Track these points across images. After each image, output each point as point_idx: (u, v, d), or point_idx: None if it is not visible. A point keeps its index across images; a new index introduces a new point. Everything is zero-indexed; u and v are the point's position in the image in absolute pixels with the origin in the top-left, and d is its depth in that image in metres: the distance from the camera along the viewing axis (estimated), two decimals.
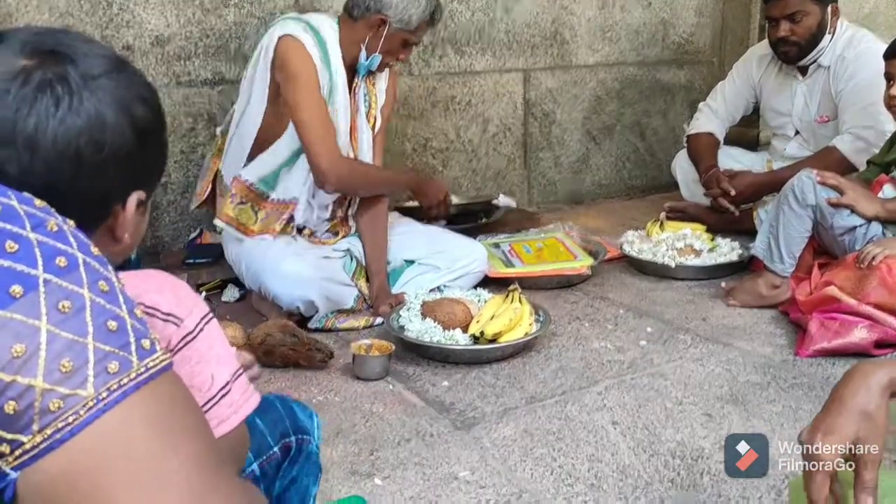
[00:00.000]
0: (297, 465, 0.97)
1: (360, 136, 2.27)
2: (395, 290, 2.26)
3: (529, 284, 2.39)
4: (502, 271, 2.40)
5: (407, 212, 2.75)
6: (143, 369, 0.61)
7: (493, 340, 1.89)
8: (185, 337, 0.76)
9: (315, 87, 2.09)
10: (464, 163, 3.28)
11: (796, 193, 2.07)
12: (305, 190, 2.19)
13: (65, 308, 0.58)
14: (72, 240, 0.62)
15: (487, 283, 2.36)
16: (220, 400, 0.77)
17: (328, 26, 2.16)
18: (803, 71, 2.83)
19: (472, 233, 2.73)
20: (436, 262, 2.33)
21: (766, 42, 2.92)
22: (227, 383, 0.77)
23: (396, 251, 2.36)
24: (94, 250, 0.63)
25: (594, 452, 1.47)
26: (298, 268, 2.06)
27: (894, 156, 2.12)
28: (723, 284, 2.35)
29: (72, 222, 0.64)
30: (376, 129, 2.31)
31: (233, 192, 2.18)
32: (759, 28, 3.70)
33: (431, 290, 2.22)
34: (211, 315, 0.79)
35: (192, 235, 2.63)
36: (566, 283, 2.44)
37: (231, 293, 2.40)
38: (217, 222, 2.23)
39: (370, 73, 2.25)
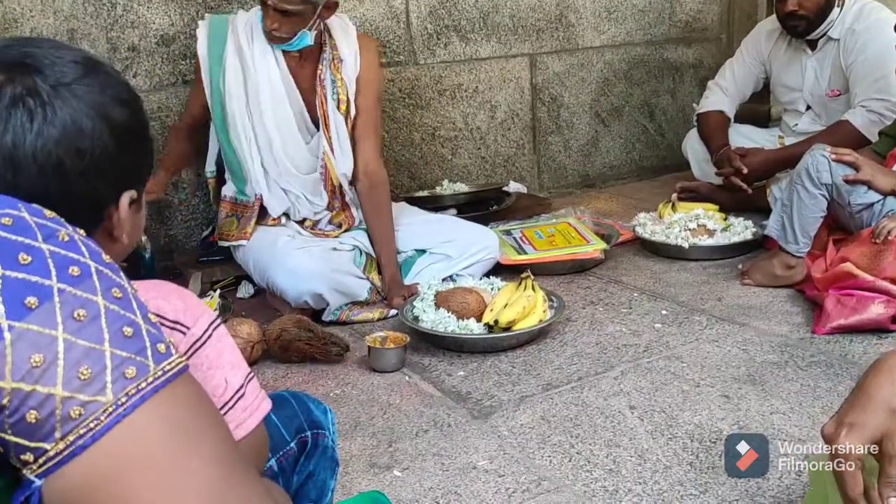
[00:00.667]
0: (314, 459, 0.98)
1: (332, 125, 2.28)
2: (407, 280, 2.27)
3: (542, 270, 2.39)
4: (515, 258, 2.40)
5: (415, 202, 2.76)
6: (160, 373, 0.61)
7: (507, 328, 1.89)
8: (193, 344, 0.76)
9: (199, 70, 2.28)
10: (472, 150, 3.27)
11: (811, 172, 2.04)
12: (261, 179, 2.26)
13: (80, 316, 0.58)
14: (83, 249, 0.62)
15: (500, 270, 2.36)
16: (235, 404, 0.77)
17: (250, 16, 2.24)
18: (812, 45, 2.80)
19: (483, 220, 2.73)
20: (447, 251, 2.32)
21: (773, 17, 2.89)
22: (240, 387, 0.78)
23: (407, 241, 2.36)
24: (106, 258, 0.64)
25: (612, 437, 1.47)
26: (304, 261, 2.07)
27: None
28: (739, 266, 2.33)
29: (82, 231, 0.64)
30: (351, 116, 2.29)
31: (222, 210, 2.35)
32: (766, 3, 3.66)
33: (444, 280, 2.22)
34: (219, 322, 0.80)
35: (205, 233, 2.64)
36: (579, 267, 2.43)
37: (245, 289, 2.41)
38: (220, 243, 2.36)
39: (335, 59, 2.27)
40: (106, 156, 0.72)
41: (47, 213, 0.63)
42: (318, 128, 2.28)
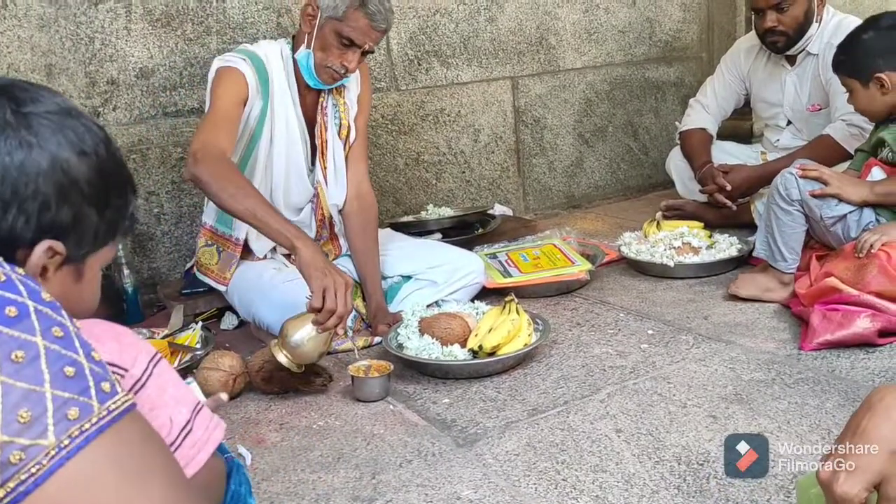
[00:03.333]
0: (233, 479, 0.94)
1: (329, 153, 2.25)
2: (393, 307, 2.25)
3: (528, 293, 2.38)
4: (500, 282, 2.38)
5: (400, 227, 2.75)
6: (104, 413, 0.59)
7: (492, 353, 1.86)
8: (133, 386, 0.74)
9: (230, 97, 2.01)
10: (457, 174, 3.27)
11: (781, 191, 2.07)
12: None
13: (18, 358, 0.56)
14: (21, 288, 0.60)
15: (486, 294, 2.35)
16: (182, 441, 0.75)
17: (276, 51, 2.15)
18: (792, 60, 2.81)
19: (468, 244, 2.72)
20: (433, 277, 2.30)
21: (752, 34, 2.91)
22: (187, 422, 0.76)
23: (392, 267, 2.34)
24: (46, 296, 0.62)
25: (598, 462, 1.45)
26: (291, 295, 2.04)
27: (877, 137, 2.10)
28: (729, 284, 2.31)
29: (20, 269, 0.62)
30: (351, 140, 2.28)
31: (201, 237, 2.28)
32: (745, 20, 3.70)
33: (429, 305, 2.20)
34: (159, 357, 0.77)
35: (189, 264, 2.62)
36: (565, 289, 2.42)
37: (229, 321, 2.39)
38: (196, 273, 2.31)
39: (340, 86, 2.21)
40: (38, 192, 0.68)
41: None
42: (314, 157, 2.25)
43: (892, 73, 2.01)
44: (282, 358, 1.77)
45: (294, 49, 2.15)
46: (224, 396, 0.92)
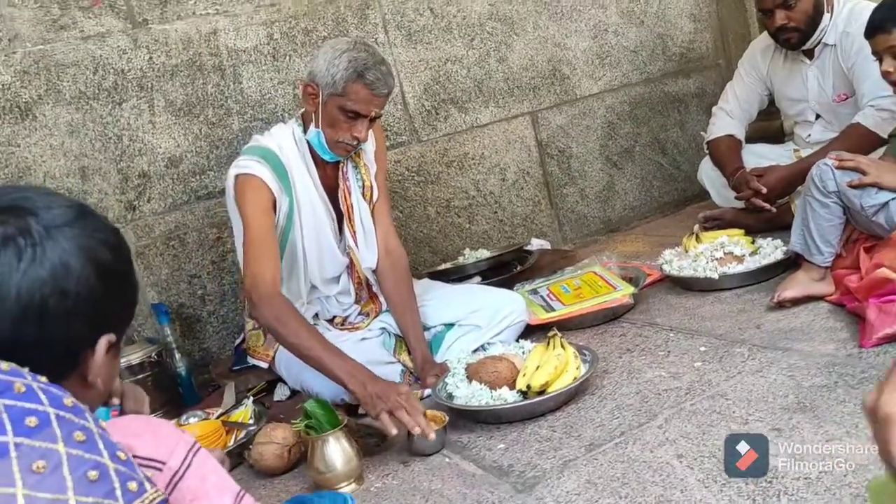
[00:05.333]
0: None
1: (356, 217, 2.26)
2: (439, 355, 2.24)
3: (574, 324, 2.34)
4: (544, 317, 2.35)
5: (438, 275, 2.75)
6: None
7: (542, 392, 1.84)
8: (171, 479, 0.75)
9: (260, 212, 2.03)
10: (489, 215, 3.27)
11: (817, 183, 2.01)
12: (304, 294, 2.22)
13: (39, 468, 0.57)
14: (42, 396, 0.62)
15: (531, 331, 2.32)
16: None
17: (288, 136, 2.16)
18: (810, 54, 2.77)
19: (508, 283, 2.71)
20: (476, 321, 2.29)
21: (765, 34, 2.88)
22: None
23: (434, 316, 2.34)
24: (68, 401, 0.63)
25: (663, 493, 1.40)
26: None
27: None
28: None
29: (43, 378, 0.64)
30: (375, 199, 2.30)
31: (248, 321, 2.33)
32: (758, 22, 3.66)
33: (475, 350, 2.18)
34: (198, 446, 0.78)
35: (238, 341, 2.65)
36: (611, 315, 2.38)
37: (282, 392, 2.40)
38: (248, 358, 2.35)
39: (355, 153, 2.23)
40: (90, 297, 0.72)
41: (3, 365, 0.63)
42: (341, 225, 2.27)
43: None
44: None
45: (304, 126, 2.18)
46: (220, 452, 0.92)
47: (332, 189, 2.24)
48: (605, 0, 3.50)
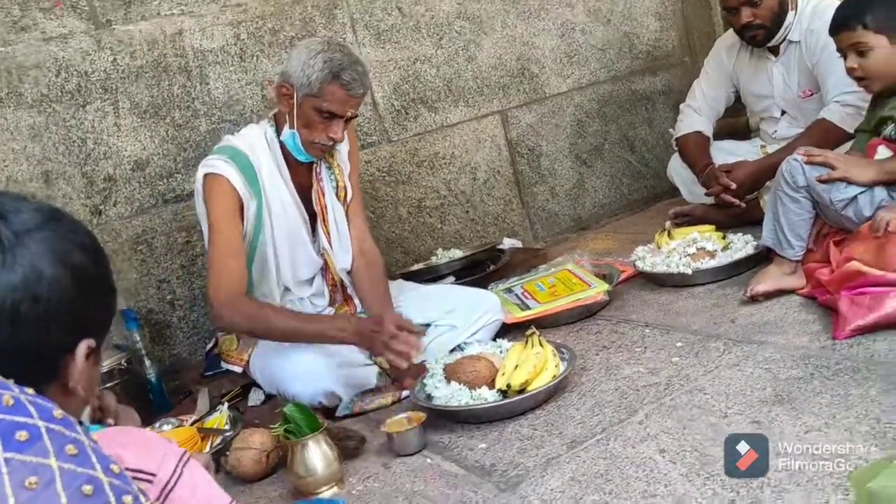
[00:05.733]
0: None
1: (330, 218, 2.24)
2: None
3: (550, 322, 2.35)
4: (519, 316, 2.35)
5: (411, 276, 2.74)
6: None
7: (521, 390, 1.83)
8: (162, 490, 0.73)
9: (226, 214, 2.02)
10: (461, 215, 3.26)
11: (787, 178, 2.04)
12: (277, 297, 2.19)
13: (32, 484, 0.55)
14: (31, 409, 0.59)
15: (507, 330, 2.32)
16: None
17: (259, 137, 2.13)
18: (775, 51, 2.81)
19: (482, 282, 2.70)
20: (451, 321, 2.29)
21: (731, 31, 2.92)
22: None
23: (410, 317, 2.32)
24: (58, 413, 0.61)
25: (646, 488, 1.41)
26: (311, 362, 2.02)
27: (879, 116, 2.07)
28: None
29: (30, 390, 0.62)
30: (349, 199, 2.28)
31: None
32: (722, 19, 3.71)
33: (452, 351, 2.17)
34: (188, 457, 0.76)
35: (209, 346, 2.61)
36: (586, 313, 2.39)
37: (257, 396, 2.37)
38: (221, 363, 2.31)
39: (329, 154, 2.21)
40: (64, 302, 0.70)
41: None
42: (315, 226, 2.24)
43: None
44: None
45: (277, 127, 2.14)
46: (204, 456, 0.90)
47: (305, 190, 2.21)
48: None
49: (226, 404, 2.17)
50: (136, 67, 2.56)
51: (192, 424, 2.08)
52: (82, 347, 0.72)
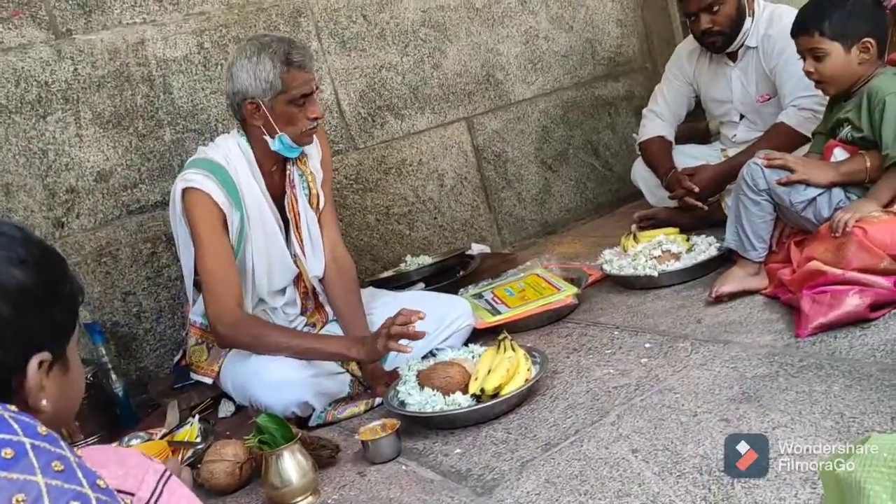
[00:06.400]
0: None
1: (303, 225, 2.23)
2: (388, 364, 2.22)
3: (520, 327, 2.37)
4: (490, 321, 2.37)
5: (381, 283, 2.74)
6: None
7: (495, 395, 1.85)
8: None
9: (213, 230, 2.00)
10: (429, 221, 3.27)
11: (748, 182, 2.09)
12: (250, 309, 2.17)
13: (19, 502, 0.55)
14: (15, 426, 0.59)
15: (478, 335, 2.34)
16: None
17: (233, 147, 2.11)
18: (733, 56, 2.87)
19: (452, 288, 2.72)
20: (423, 328, 2.28)
21: (691, 37, 2.97)
22: None
23: (380, 325, 2.32)
24: (42, 430, 0.60)
25: (621, 487, 1.43)
26: (283, 372, 2.01)
27: (836, 118, 2.13)
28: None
29: (12, 407, 0.61)
30: (321, 206, 2.28)
31: (191, 336, 2.24)
32: (681, 26, 3.78)
33: (424, 357, 2.18)
34: (169, 474, 0.75)
35: (176, 358, 2.58)
36: (556, 317, 2.41)
37: (226, 408, 2.35)
38: (191, 374, 2.29)
39: (302, 154, 2.20)
40: (1, 322, 0.67)
41: None
42: (288, 233, 2.22)
43: (875, 41, 2.00)
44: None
45: (248, 136, 2.12)
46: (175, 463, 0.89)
47: (278, 197, 2.20)
48: (535, 6, 3.55)
49: (196, 416, 2.14)
50: (97, 77, 2.53)
51: (161, 438, 2.05)
52: (33, 364, 0.70)
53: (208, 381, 2.22)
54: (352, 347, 1.99)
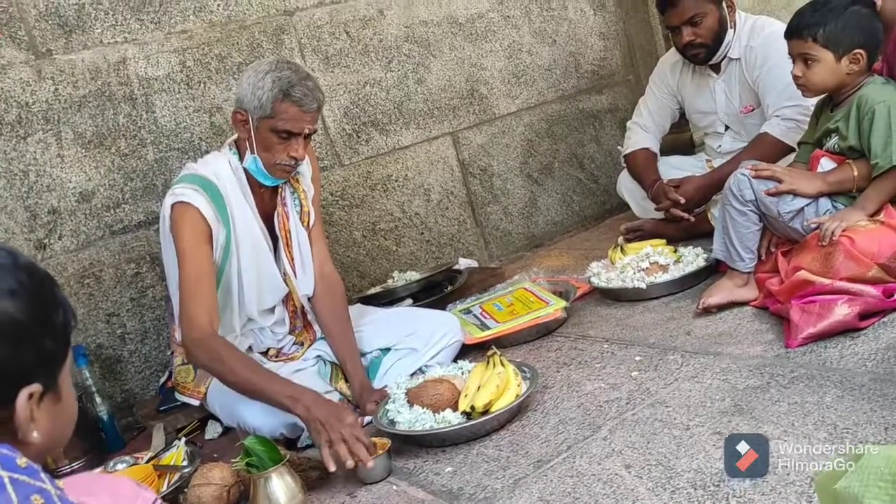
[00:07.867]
0: None
1: (294, 243, 2.21)
2: (377, 381, 2.20)
3: (509, 341, 2.35)
4: (479, 336, 2.35)
5: (369, 300, 2.72)
6: None
7: (485, 411, 1.83)
8: None
9: (196, 244, 1.97)
10: (416, 237, 3.26)
11: (735, 192, 2.10)
12: (237, 328, 2.15)
13: None
14: None
15: (468, 351, 2.32)
16: None
17: (224, 164, 2.10)
18: (716, 68, 2.89)
19: (440, 304, 2.70)
20: (411, 344, 2.27)
21: (674, 50, 2.99)
22: None
23: (370, 341, 2.31)
24: (21, 462, 0.58)
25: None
26: None
27: (822, 128, 2.14)
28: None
29: None
30: (312, 223, 2.25)
31: (176, 355, 2.21)
32: (664, 38, 3.80)
33: (413, 374, 2.16)
34: (157, 502, 0.73)
35: (162, 380, 2.55)
36: (545, 331, 2.40)
37: (214, 429, 2.31)
38: (176, 394, 2.26)
39: (295, 174, 2.18)
40: None
41: None
42: (277, 251, 2.20)
43: (866, 53, 2.01)
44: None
45: (240, 154, 2.11)
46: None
47: (268, 216, 2.18)
48: (518, 20, 3.56)
49: (182, 439, 2.10)
50: (78, 97, 2.51)
51: (147, 462, 2.01)
52: (22, 396, 0.68)
53: (195, 402, 2.19)
54: (297, 404, 1.80)
